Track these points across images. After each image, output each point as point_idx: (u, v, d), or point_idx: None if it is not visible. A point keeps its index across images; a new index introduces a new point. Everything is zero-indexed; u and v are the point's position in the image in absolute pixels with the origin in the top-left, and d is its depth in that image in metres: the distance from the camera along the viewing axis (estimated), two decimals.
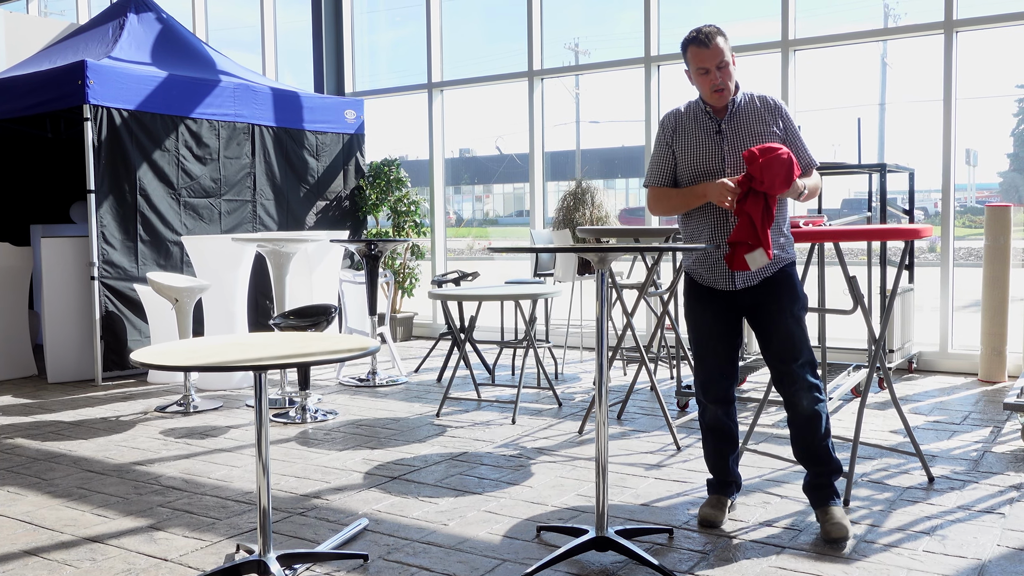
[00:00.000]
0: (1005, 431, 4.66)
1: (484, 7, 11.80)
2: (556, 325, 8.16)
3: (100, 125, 6.38)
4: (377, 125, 8.98)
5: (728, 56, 3.16)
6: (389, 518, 3.44)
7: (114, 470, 4.18)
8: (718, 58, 3.14)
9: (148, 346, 2.80)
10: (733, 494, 3.41)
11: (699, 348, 3.32)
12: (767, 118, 3.22)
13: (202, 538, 3.25)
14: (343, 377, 6.51)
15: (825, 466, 3.23)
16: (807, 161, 3.28)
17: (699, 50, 3.16)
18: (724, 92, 3.18)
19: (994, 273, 5.98)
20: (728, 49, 3.17)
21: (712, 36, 3.15)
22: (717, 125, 3.22)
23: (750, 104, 3.25)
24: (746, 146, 3.18)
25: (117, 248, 6.50)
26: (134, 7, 7.43)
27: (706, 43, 3.15)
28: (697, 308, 3.30)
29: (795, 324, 3.18)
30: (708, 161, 3.22)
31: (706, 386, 3.32)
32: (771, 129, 3.21)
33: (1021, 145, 25.19)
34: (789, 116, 3.28)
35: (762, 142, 3.16)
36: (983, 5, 6.33)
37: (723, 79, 3.16)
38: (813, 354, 3.22)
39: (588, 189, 7.51)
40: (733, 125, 3.22)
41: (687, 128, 3.28)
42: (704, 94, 3.22)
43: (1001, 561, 2.92)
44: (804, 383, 3.18)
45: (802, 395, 3.18)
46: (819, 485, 3.23)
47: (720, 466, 3.39)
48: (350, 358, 2.58)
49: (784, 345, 3.18)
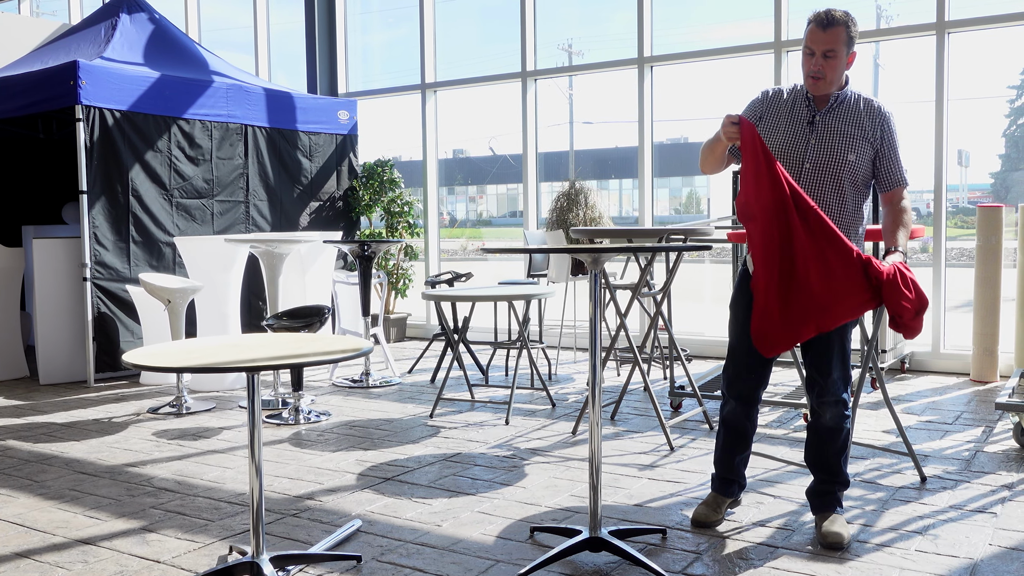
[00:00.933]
0: (997, 431, 4.67)
1: (478, 8, 11.80)
2: (550, 326, 8.16)
3: (92, 126, 6.36)
4: (370, 126, 8.97)
5: (840, 48, 3.03)
6: (382, 519, 3.44)
7: (106, 472, 4.17)
8: (828, 45, 3.02)
9: (140, 347, 2.79)
10: (734, 494, 3.37)
11: (734, 340, 3.26)
12: (865, 123, 3.12)
13: (195, 540, 3.24)
14: (336, 378, 6.50)
15: (834, 477, 3.21)
16: (896, 178, 3.15)
17: (815, 29, 3.05)
18: (820, 82, 3.08)
19: (986, 273, 6.00)
20: (845, 42, 3.04)
21: (834, 22, 3.02)
22: (812, 115, 3.14)
23: (854, 104, 3.14)
24: (834, 144, 3.09)
25: (109, 249, 6.48)
26: (126, 7, 7.41)
27: (824, 25, 3.02)
28: (742, 301, 3.23)
29: (837, 335, 3.11)
30: (792, 148, 3.15)
31: (732, 381, 3.27)
32: (866, 135, 3.11)
33: (1012, 146, 25.28)
34: (892, 128, 3.15)
35: (850, 144, 3.08)
36: (975, 6, 6.36)
37: (824, 69, 3.05)
38: (849, 369, 3.18)
39: (582, 190, 7.52)
40: (828, 120, 3.13)
41: (780, 111, 3.20)
42: (803, 75, 3.12)
43: (993, 560, 2.93)
44: (833, 396, 3.14)
45: (829, 407, 3.15)
46: (823, 492, 3.22)
47: (726, 463, 3.35)
48: (343, 359, 2.58)
49: (822, 354, 3.13)
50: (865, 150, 3.11)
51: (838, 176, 3.10)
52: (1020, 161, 23.64)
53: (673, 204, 26.93)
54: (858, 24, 3.10)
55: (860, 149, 3.11)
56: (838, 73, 3.07)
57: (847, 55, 3.08)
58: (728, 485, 3.36)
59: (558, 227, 7.39)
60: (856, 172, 3.12)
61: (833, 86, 3.10)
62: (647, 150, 7.57)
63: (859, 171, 3.13)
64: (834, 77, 3.07)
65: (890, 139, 3.14)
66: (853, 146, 3.10)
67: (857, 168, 3.12)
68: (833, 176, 3.10)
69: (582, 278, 6.61)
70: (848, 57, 3.09)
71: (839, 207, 3.12)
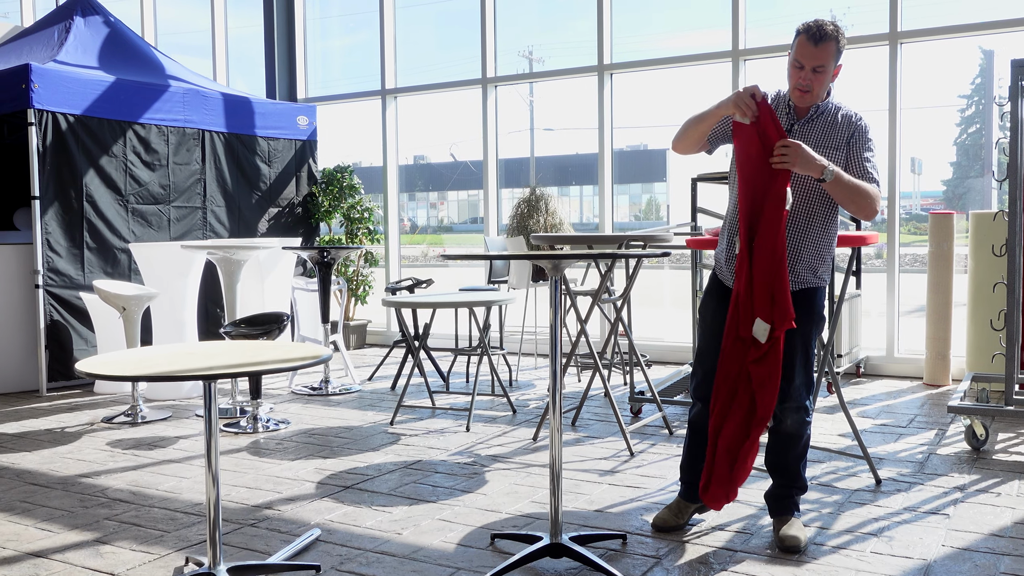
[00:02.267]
0: (949, 433, 4.76)
1: (438, 14, 11.79)
2: (510, 332, 8.17)
3: (45, 130, 6.25)
4: (330, 131, 8.92)
5: (830, 62, 3.02)
6: (342, 528, 3.41)
7: (59, 483, 4.09)
8: (819, 60, 3.00)
9: (95, 356, 2.74)
10: (699, 500, 3.35)
11: (702, 343, 3.28)
12: (840, 134, 3.10)
13: (150, 551, 3.19)
14: (295, 386, 6.44)
15: (792, 481, 3.24)
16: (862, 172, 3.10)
17: (806, 44, 3.01)
18: (807, 95, 3.07)
19: (938, 279, 6.12)
20: (834, 56, 3.02)
21: (826, 38, 2.99)
22: (791, 124, 3.14)
23: (832, 116, 3.13)
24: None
25: (63, 255, 6.37)
26: (81, 10, 7.30)
27: (816, 40, 2.99)
28: (711, 304, 3.25)
29: (800, 342, 3.13)
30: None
31: (700, 383, 3.29)
32: (838, 146, 3.10)
33: (963, 154, 25.82)
34: (865, 135, 3.13)
35: (828, 157, 3.06)
36: (927, 18, 6.49)
37: (812, 83, 3.04)
38: (812, 376, 3.20)
39: (542, 196, 7.54)
40: (806, 130, 3.12)
41: None
42: (790, 86, 3.11)
43: (946, 561, 2.98)
44: (795, 402, 3.16)
45: (790, 413, 3.18)
46: (781, 496, 3.25)
47: (691, 467, 3.35)
48: (302, 367, 2.56)
49: (785, 359, 3.14)
50: (838, 158, 3.11)
51: (808, 189, 3.10)
52: (971, 169, 24.17)
53: (633, 210, 27.14)
54: (845, 33, 3.09)
55: (833, 159, 3.09)
56: (824, 87, 3.08)
57: (835, 67, 3.08)
58: (692, 490, 3.36)
59: (519, 233, 7.41)
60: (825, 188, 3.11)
61: (818, 99, 3.11)
62: (607, 157, 7.62)
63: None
64: (821, 91, 3.08)
65: (860, 143, 3.12)
66: (828, 158, 3.08)
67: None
68: (803, 188, 3.10)
69: (543, 284, 6.63)
70: (835, 70, 3.08)
71: (806, 220, 3.12)
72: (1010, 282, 4.31)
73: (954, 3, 6.45)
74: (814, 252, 3.14)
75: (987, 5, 6.26)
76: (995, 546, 3.11)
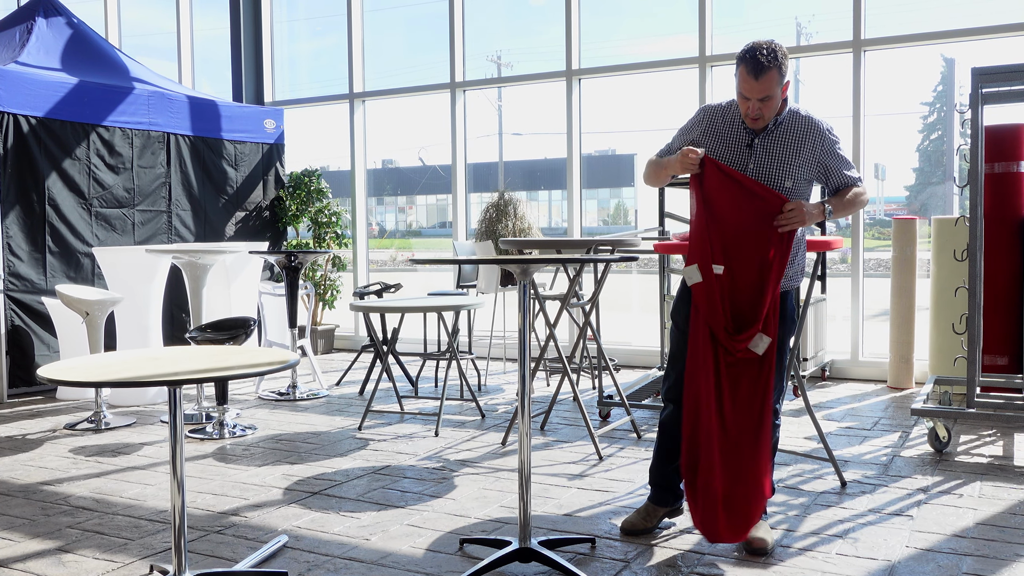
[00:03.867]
0: (913, 436, 4.82)
1: (406, 18, 11.77)
2: (479, 337, 8.16)
3: (6, 133, 6.15)
4: (297, 135, 8.87)
5: (775, 89, 2.98)
6: (310, 534, 3.38)
7: (20, 491, 4.02)
8: (763, 92, 2.98)
9: (57, 361, 2.70)
10: (668, 504, 3.36)
11: (674, 347, 3.30)
12: (805, 143, 3.10)
13: (114, 559, 3.15)
14: (262, 391, 6.39)
15: None
16: (840, 182, 3.16)
17: (747, 77, 2.98)
18: (759, 121, 3.06)
19: (901, 283, 6.20)
20: (779, 82, 2.99)
21: (765, 70, 2.94)
22: (751, 138, 3.12)
23: (791, 124, 3.12)
24: (772, 170, 3.08)
25: (24, 260, 6.27)
26: (43, 11, 7.20)
27: (756, 75, 2.96)
28: (683, 309, 3.26)
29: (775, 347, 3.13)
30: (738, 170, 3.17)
31: (671, 385, 3.30)
32: (804, 155, 3.10)
33: (926, 160, 26.22)
34: (833, 138, 3.14)
35: (788, 171, 3.08)
36: (890, 26, 6.59)
37: (762, 111, 3.02)
38: (783, 381, 3.21)
39: (511, 201, 7.55)
40: (767, 143, 3.11)
41: (721, 130, 3.17)
42: (741, 111, 3.10)
43: (909, 562, 3.02)
44: None
45: None
46: None
47: (660, 470, 3.36)
48: (269, 372, 2.54)
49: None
50: (804, 173, 3.12)
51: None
52: (933, 175, 24.53)
53: (602, 215, 27.25)
54: (784, 49, 3.03)
55: (798, 175, 3.11)
56: (775, 109, 3.07)
57: (781, 88, 3.04)
58: (661, 493, 3.36)
59: (487, 238, 7.41)
60: (798, 195, 3.13)
61: (770, 119, 3.11)
62: (576, 162, 7.65)
63: (800, 193, 3.14)
64: (771, 114, 3.07)
65: (832, 149, 3.13)
66: (790, 172, 3.09)
67: (794, 195, 3.12)
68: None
69: (511, 289, 6.63)
70: (783, 88, 3.06)
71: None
72: (971, 286, 4.38)
73: (917, 12, 6.55)
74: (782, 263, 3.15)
75: (949, 14, 6.38)
76: (958, 547, 3.15)
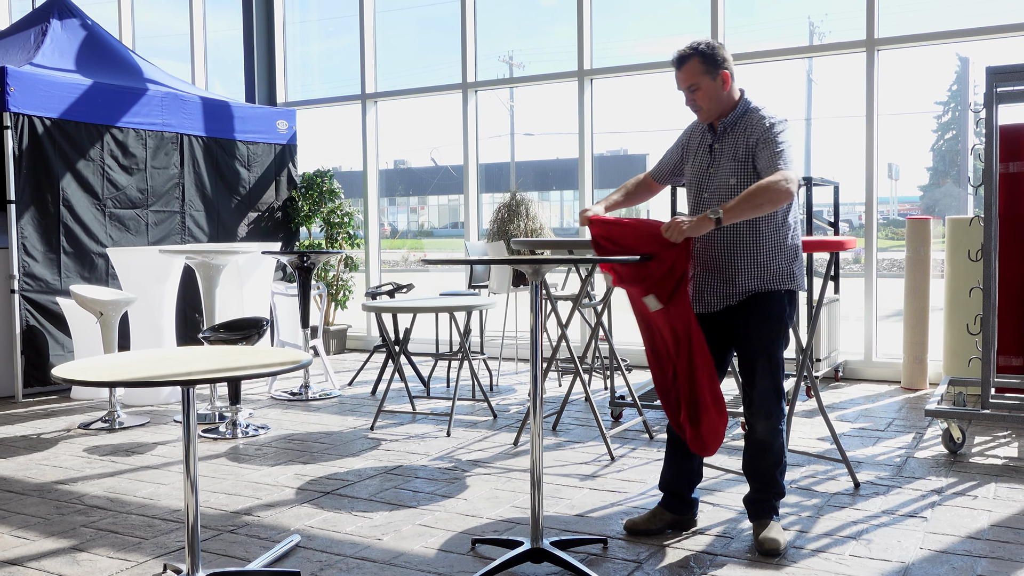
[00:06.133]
0: (927, 437, 4.80)
1: (418, 19, 11.80)
2: (491, 337, 8.16)
3: (21, 134, 6.19)
4: (310, 136, 8.90)
5: (701, 78, 3.07)
6: (322, 534, 3.39)
7: (35, 490, 4.05)
8: (688, 81, 3.10)
9: (71, 361, 2.72)
10: (677, 510, 3.34)
11: None
12: (748, 139, 3.10)
13: (127, 558, 3.16)
14: (275, 391, 6.41)
15: (768, 487, 3.24)
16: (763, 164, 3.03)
17: (674, 72, 3.15)
18: (702, 112, 3.14)
19: (915, 284, 6.17)
20: (704, 71, 3.06)
21: (684, 59, 3.09)
22: (711, 142, 3.20)
23: (744, 123, 3.13)
24: (723, 171, 3.12)
25: (39, 260, 6.31)
26: (58, 12, 7.24)
27: (677, 65, 3.12)
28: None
29: (761, 348, 3.13)
30: (700, 174, 3.21)
31: None
32: (749, 150, 3.10)
33: (940, 159, 26.08)
34: (772, 129, 3.07)
35: (734, 169, 3.10)
36: (903, 25, 6.55)
37: (697, 101, 3.11)
38: (781, 381, 3.17)
39: (523, 201, 7.54)
40: (722, 145, 3.16)
41: (696, 136, 3.29)
42: None
43: (923, 564, 3.00)
44: (763, 409, 3.16)
45: (758, 420, 3.18)
46: (758, 500, 3.25)
47: (667, 475, 3.37)
48: (282, 372, 2.54)
49: (746, 363, 3.17)
50: (750, 168, 3.10)
51: (727, 200, 3.09)
52: (947, 174, 24.40)
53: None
54: (718, 44, 3.10)
55: (743, 172, 3.10)
56: (714, 100, 3.11)
57: (716, 78, 3.08)
58: (670, 499, 3.36)
59: (499, 238, 7.41)
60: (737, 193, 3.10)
61: (716, 112, 3.14)
62: (587, 162, 7.64)
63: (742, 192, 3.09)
64: (712, 104, 3.12)
65: (766, 137, 3.06)
66: (736, 170, 3.11)
67: (738, 191, 3.09)
68: (723, 201, 3.10)
69: (523, 289, 6.63)
70: (720, 79, 3.08)
71: (731, 233, 3.11)
72: (986, 286, 4.35)
73: (931, 11, 6.52)
74: (751, 261, 3.11)
75: (964, 13, 6.34)
76: (972, 548, 3.14)
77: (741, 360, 3.21)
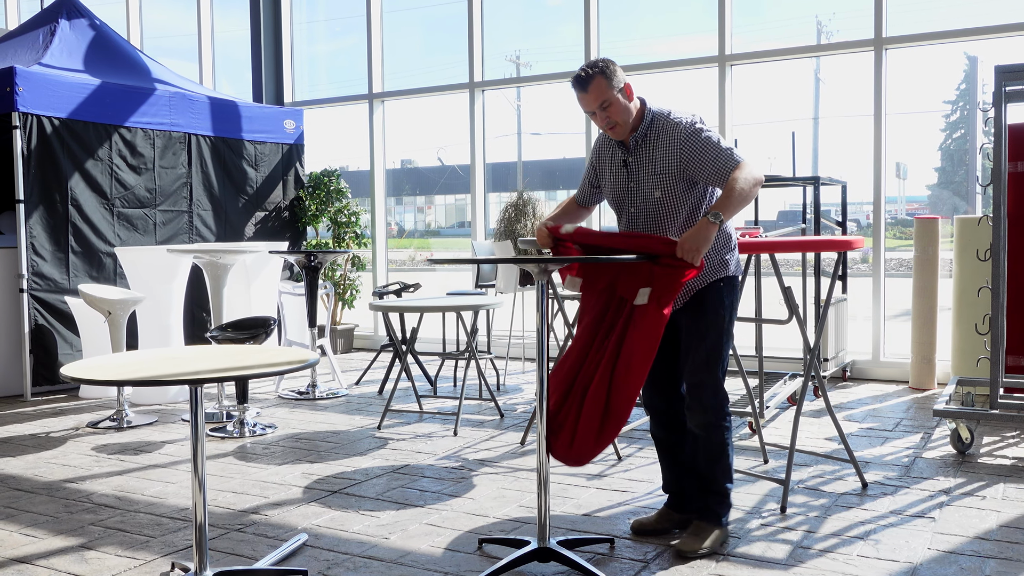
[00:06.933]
0: (935, 437, 4.78)
1: (425, 19, 11.80)
2: (498, 336, 8.16)
3: (30, 133, 6.22)
4: (317, 135, 8.91)
5: (610, 94, 3.00)
6: (329, 533, 3.40)
7: (43, 488, 4.06)
8: (598, 100, 3.01)
9: (80, 360, 2.73)
10: (681, 509, 3.33)
11: None
12: (667, 151, 3.04)
13: (135, 557, 3.17)
14: (282, 390, 6.42)
15: (706, 485, 3.18)
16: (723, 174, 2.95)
17: (579, 95, 3.04)
18: (617, 128, 3.07)
19: (923, 283, 6.15)
20: (611, 86, 3.00)
21: (589, 80, 3.00)
22: (624, 157, 3.15)
23: (655, 133, 3.08)
24: (643, 185, 3.08)
25: (47, 259, 6.33)
26: (66, 13, 7.27)
27: (583, 87, 3.02)
28: None
29: (696, 341, 3.08)
30: (620, 191, 3.17)
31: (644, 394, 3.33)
32: (671, 165, 3.03)
33: (948, 159, 25.99)
34: (694, 140, 3.01)
35: (656, 182, 3.05)
36: (911, 24, 6.53)
37: (611, 117, 3.04)
38: (715, 377, 3.07)
39: (530, 200, 7.54)
40: (637, 158, 3.11)
41: (606, 153, 3.23)
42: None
43: (932, 564, 2.99)
44: (692, 403, 3.11)
45: (691, 413, 3.13)
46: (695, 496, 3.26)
47: (665, 476, 3.38)
48: (289, 371, 2.55)
49: (683, 359, 3.15)
50: (673, 180, 3.04)
51: (656, 214, 3.08)
52: (956, 174, 24.33)
53: None
54: (612, 61, 3.04)
55: (667, 183, 3.04)
56: (626, 112, 3.05)
57: (621, 91, 3.04)
58: (673, 498, 3.37)
59: (506, 238, 7.41)
60: (672, 204, 3.06)
61: (629, 125, 3.08)
62: None
63: (674, 202, 3.06)
64: (625, 117, 3.06)
65: (697, 150, 3.00)
66: (658, 183, 3.05)
67: (670, 201, 3.06)
68: (652, 214, 3.09)
69: (530, 288, 6.63)
70: (623, 91, 3.04)
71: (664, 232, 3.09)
72: (995, 286, 4.33)
73: (939, 9, 6.50)
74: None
75: (972, 11, 6.32)
76: (980, 549, 3.13)
77: (681, 350, 3.15)
